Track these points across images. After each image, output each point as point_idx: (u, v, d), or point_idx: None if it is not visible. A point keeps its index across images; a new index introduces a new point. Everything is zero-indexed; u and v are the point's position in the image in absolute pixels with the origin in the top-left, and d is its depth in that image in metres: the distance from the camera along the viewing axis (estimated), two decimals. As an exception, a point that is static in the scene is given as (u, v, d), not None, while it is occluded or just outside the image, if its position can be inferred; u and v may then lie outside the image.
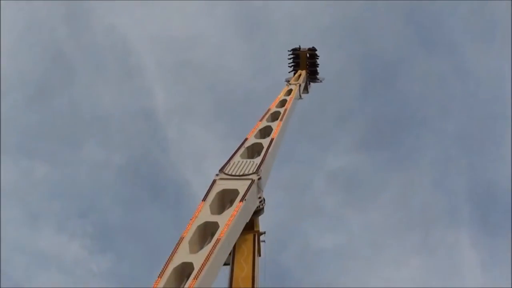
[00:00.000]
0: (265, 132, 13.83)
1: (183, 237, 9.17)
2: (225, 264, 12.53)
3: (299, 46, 20.05)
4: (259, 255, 12.07)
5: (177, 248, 8.88)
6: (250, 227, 12.01)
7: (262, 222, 12.07)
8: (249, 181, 10.97)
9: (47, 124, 33.11)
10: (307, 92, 19.97)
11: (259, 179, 11.20)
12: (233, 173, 11.36)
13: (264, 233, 12.20)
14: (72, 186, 30.94)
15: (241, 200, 10.22)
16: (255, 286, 11.16)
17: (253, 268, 11.54)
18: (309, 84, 20.04)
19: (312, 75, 20.05)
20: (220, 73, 34.72)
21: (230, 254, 12.09)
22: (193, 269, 8.36)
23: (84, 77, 34.72)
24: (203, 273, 8.25)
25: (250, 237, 12.02)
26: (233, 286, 11.08)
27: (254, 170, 11.44)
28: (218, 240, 8.99)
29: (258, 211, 11.92)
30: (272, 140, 12.99)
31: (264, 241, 12.19)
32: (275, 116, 14.78)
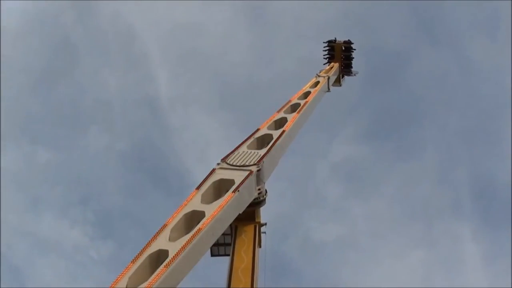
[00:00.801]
0: (281, 123, 13.67)
1: (166, 224, 9.17)
2: (225, 255, 12.57)
3: (335, 38, 19.76)
4: (260, 247, 11.99)
5: (157, 235, 8.88)
6: (251, 218, 11.94)
7: (263, 213, 11.99)
8: (247, 172, 10.89)
9: (51, 109, 33.64)
10: (340, 85, 19.71)
11: (258, 170, 11.10)
12: (235, 163, 11.29)
13: (265, 224, 12.10)
14: (74, 172, 31.39)
15: (234, 191, 10.15)
16: (254, 278, 11.11)
17: (253, 260, 11.46)
18: (342, 77, 19.77)
19: (346, 68, 19.77)
20: (224, 61, 34.74)
21: (230, 245, 12.13)
22: (167, 257, 8.36)
23: (88, 63, 35.11)
24: (176, 262, 8.22)
25: (250, 228, 11.93)
26: (232, 277, 11.05)
27: (256, 162, 11.35)
28: (198, 230, 8.94)
29: (259, 202, 11.83)
30: (283, 132, 12.87)
31: (265, 232, 12.10)
32: (294, 108, 14.63)
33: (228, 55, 35.06)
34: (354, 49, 19.51)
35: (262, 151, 11.86)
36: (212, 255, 12.10)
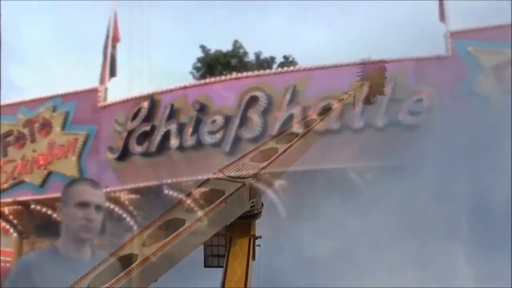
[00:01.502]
0: (292, 138, 13.63)
1: (145, 229, 9.23)
2: (218, 266, 12.54)
3: (369, 56, 19.71)
4: (254, 259, 11.94)
5: (133, 239, 8.94)
6: (246, 231, 11.91)
7: (258, 225, 11.96)
8: (239, 184, 10.87)
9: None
10: (370, 103, 19.52)
11: (252, 183, 11.05)
12: (231, 175, 11.30)
13: (260, 237, 12.04)
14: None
15: (220, 202, 10.13)
16: (247, 290, 11.13)
17: (247, 272, 11.45)
18: (374, 96, 19.60)
19: (378, 87, 19.63)
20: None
21: (224, 256, 12.12)
22: (136, 261, 8.43)
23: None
24: (141, 267, 8.27)
25: (245, 240, 11.86)
26: (225, 288, 11.11)
27: (252, 174, 11.32)
28: (172, 238, 8.97)
29: (255, 215, 11.75)
30: (289, 147, 12.80)
31: (259, 245, 12.04)
32: (309, 123, 14.55)
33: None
34: (387, 70, 19.38)
35: (263, 165, 11.85)
36: (206, 266, 12.09)
